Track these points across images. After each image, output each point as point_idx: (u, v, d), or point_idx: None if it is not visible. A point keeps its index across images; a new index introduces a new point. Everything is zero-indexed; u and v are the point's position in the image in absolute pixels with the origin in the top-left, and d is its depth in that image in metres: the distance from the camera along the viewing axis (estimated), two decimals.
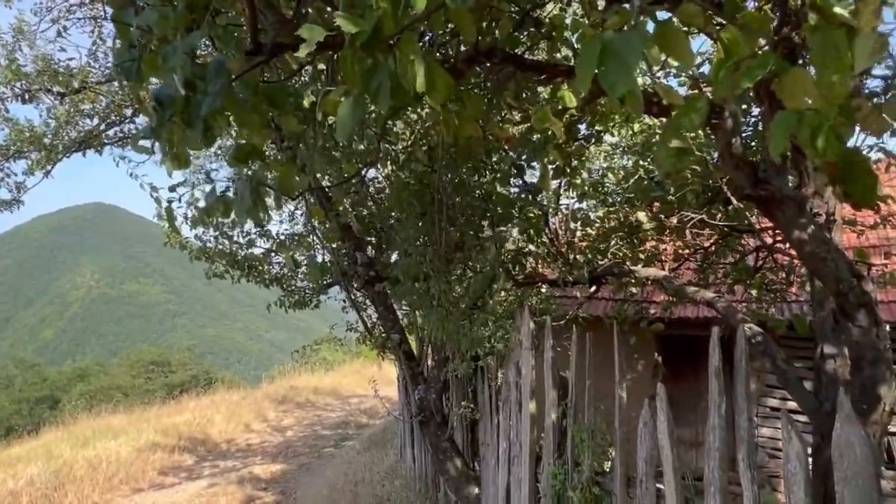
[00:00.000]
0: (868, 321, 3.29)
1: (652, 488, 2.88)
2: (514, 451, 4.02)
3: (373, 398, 14.39)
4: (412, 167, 5.12)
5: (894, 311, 7.55)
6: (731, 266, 6.27)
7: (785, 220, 3.32)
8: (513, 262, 6.26)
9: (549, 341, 3.72)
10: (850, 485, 2.04)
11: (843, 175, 1.53)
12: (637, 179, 5.85)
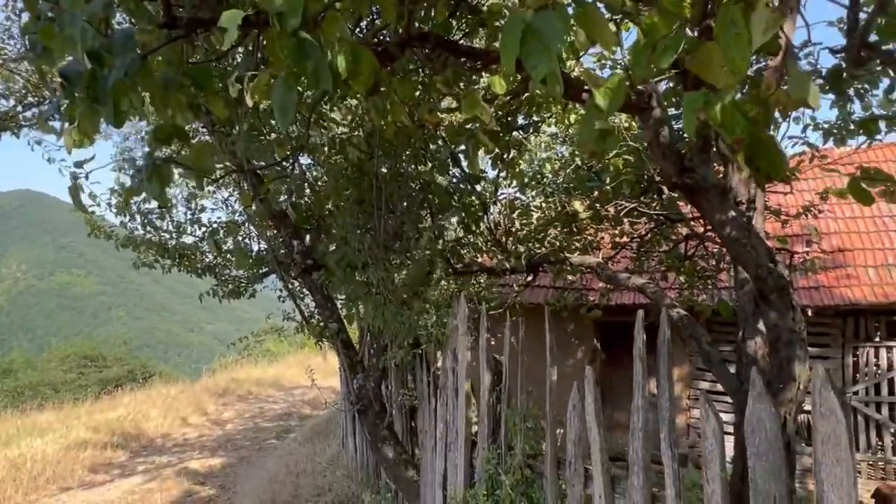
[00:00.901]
0: (784, 304, 3.45)
1: (580, 469, 2.94)
2: (450, 437, 4.04)
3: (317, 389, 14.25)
4: (349, 154, 5.05)
5: (815, 296, 7.97)
6: (665, 254, 6.48)
7: (709, 207, 3.44)
8: (452, 251, 6.29)
9: (485, 328, 3.74)
10: (760, 460, 2.14)
11: (752, 152, 1.58)
12: (574, 169, 5.95)
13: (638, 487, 2.60)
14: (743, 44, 1.21)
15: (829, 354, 8.22)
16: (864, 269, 8.06)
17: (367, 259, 4.62)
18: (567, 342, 9.30)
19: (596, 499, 2.81)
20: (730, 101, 1.38)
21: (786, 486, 2.08)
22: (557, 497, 3.09)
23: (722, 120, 1.43)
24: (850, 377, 8.13)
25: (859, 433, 8.06)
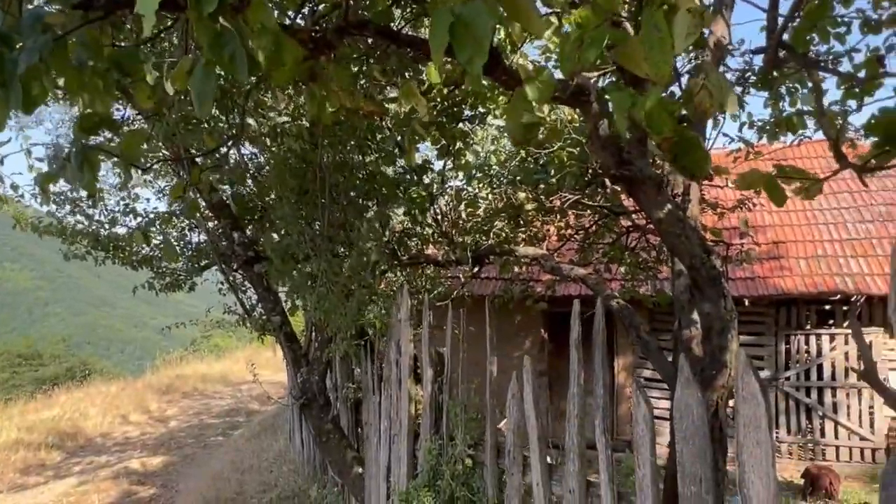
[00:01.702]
0: (717, 294, 3.55)
1: (519, 457, 2.97)
2: (394, 429, 4.03)
3: (264, 384, 13.96)
4: (292, 144, 4.95)
5: (750, 286, 8.29)
6: (609, 246, 6.61)
7: (646, 199, 3.50)
8: (399, 242, 6.25)
9: (427, 319, 3.73)
10: (688, 444, 2.20)
11: (678, 150, 1.61)
12: (521, 162, 5.99)
13: (573, 473, 2.65)
14: (665, 47, 1.23)
15: (764, 342, 8.57)
16: (795, 260, 8.43)
17: (309, 250, 4.54)
18: (515, 333, 9.40)
19: (534, 486, 2.85)
20: (656, 102, 1.40)
21: (711, 468, 2.15)
22: (497, 485, 3.12)
23: (649, 120, 1.45)
24: (782, 363, 8.50)
25: (790, 417, 8.45)
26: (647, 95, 1.40)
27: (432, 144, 5.74)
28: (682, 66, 5.60)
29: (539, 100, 1.78)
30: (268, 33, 1.67)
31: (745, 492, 1.98)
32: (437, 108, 5.22)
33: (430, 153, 6.86)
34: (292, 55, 1.68)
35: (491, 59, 2.75)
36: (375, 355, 4.62)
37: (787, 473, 8.12)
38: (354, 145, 5.17)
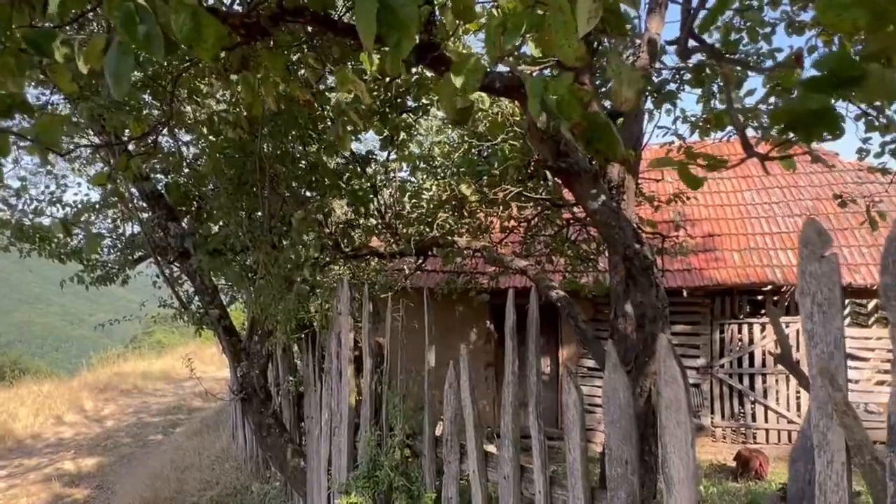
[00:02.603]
0: (649, 283, 3.66)
1: (456, 446, 3.00)
2: (335, 421, 3.99)
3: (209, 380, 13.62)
4: (230, 133, 4.83)
5: (687, 278, 8.57)
6: (551, 237, 6.72)
7: (582, 190, 3.57)
8: (342, 234, 6.19)
9: (367, 311, 3.71)
10: (614, 427, 2.26)
11: (591, 135, 1.65)
12: (464, 153, 6.01)
13: (508, 459, 2.68)
14: (570, 31, 1.25)
15: (700, 331, 8.90)
16: (729, 252, 8.77)
17: (247, 242, 4.44)
18: (461, 325, 9.45)
19: (470, 473, 2.88)
20: (567, 88, 1.43)
21: (636, 451, 2.21)
22: (435, 474, 3.14)
23: (559, 106, 1.47)
24: (717, 351, 8.85)
25: (724, 402, 8.81)
26: (557, 82, 1.42)
27: (376, 135, 5.71)
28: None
29: (466, 88, 1.79)
30: (185, 10, 1.61)
31: (667, 471, 2.05)
32: (379, 98, 5.19)
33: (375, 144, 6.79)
34: (214, 34, 1.63)
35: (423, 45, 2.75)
36: (317, 348, 4.57)
37: (720, 456, 8.47)
38: (296, 135, 5.09)
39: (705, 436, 8.82)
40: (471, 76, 1.76)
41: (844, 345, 1.70)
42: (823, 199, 8.92)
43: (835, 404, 1.66)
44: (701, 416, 8.85)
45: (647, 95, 5.14)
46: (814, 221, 1.75)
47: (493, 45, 1.70)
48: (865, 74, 1.35)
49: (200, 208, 5.24)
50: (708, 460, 8.43)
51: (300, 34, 3.45)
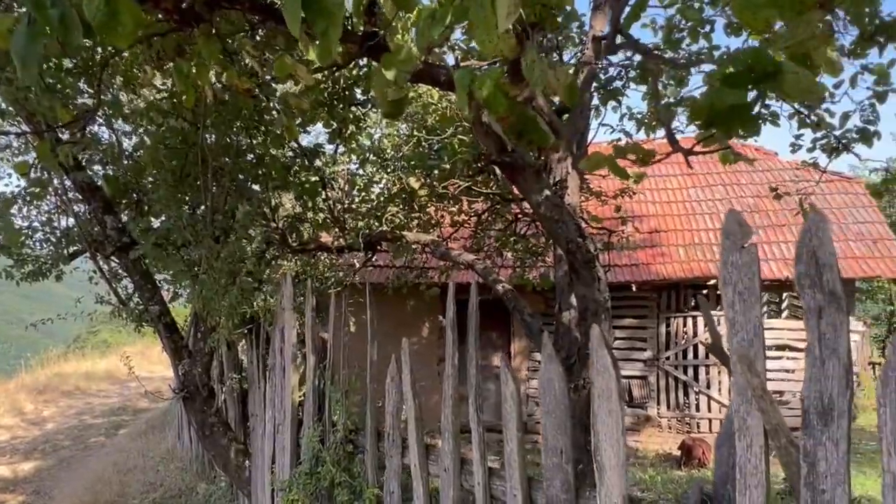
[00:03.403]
0: (591, 276, 3.71)
1: (398, 439, 2.98)
2: (278, 418, 3.93)
3: (157, 380, 13.20)
4: (172, 123, 4.68)
5: (635, 272, 8.76)
6: (500, 232, 6.77)
7: (526, 185, 3.59)
8: (291, 228, 6.08)
9: (311, 306, 3.66)
10: (550, 417, 2.28)
11: (521, 128, 1.66)
12: (414, 147, 5.99)
13: (448, 452, 2.69)
14: (490, 25, 1.24)
15: (647, 324, 9.12)
16: (675, 248, 9.01)
17: (189, 236, 4.32)
18: (413, 320, 9.44)
19: (412, 467, 2.87)
20: (492, 82, 1.43)
21: (571, 440, 2.24)
22: (377, 469, 3.12)
23: (487, 99, 1.47)
24: (663, 344, 9.08)
25: (670, 393, 9.06)
26: (485, 75, 1.42)
27: (324, 127, 5.62)
28: (570, 59, 5.81)
29: (398, 79, 1.78)
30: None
31: (599, 458, 2.08)
32: (327, 90, 5.11)
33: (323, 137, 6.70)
34: (131, 19, 1.56)
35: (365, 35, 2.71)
36: (261, 344, 4.48)
37: (666, 446, 8.72)
38: (241, 127, 4.96)
39: (652, 426, 9.06)
40: (402, 67, 1.74)
41: (763, 332, 1.76)
42: (764, 197, 9.24)
43: (753, 390, 1.71)
44: (648, 407, 9.08)
45: (594, 92, 5.22)
46: (735, 213, 1.80)
47: (422, 35, 1.69)
48: (781, 72, 1.39)
49: (140, 201, 5.06)
50: (654, 450, 8.66)
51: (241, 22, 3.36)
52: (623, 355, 9.12)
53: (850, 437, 1.59)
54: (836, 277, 1.60)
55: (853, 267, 8.08)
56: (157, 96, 4.93)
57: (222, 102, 4.65)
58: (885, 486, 1.53)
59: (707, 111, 1.44)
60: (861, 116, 4.71)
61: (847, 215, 8.77)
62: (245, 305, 4.15)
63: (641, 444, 8.87)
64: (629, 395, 9.22)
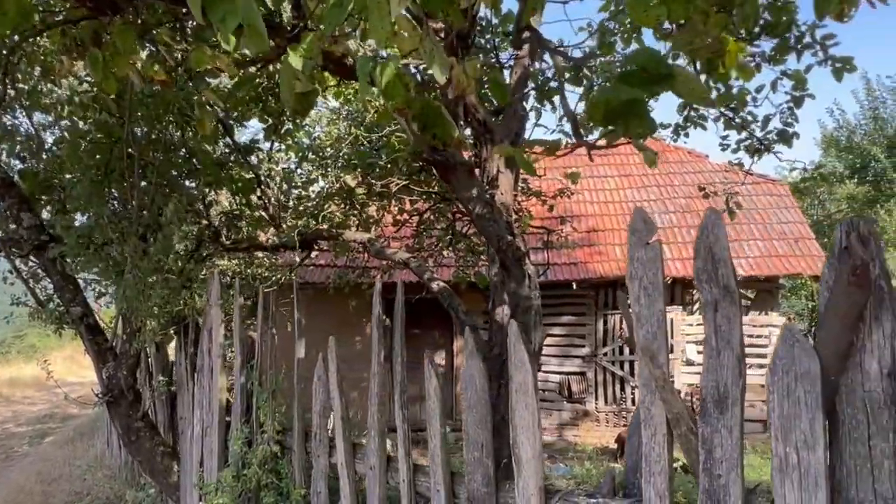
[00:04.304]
0: (521, 274, 3.77)
1: (325, 439, 2.95)
2: (206, 420, 3.83)
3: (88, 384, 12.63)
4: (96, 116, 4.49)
5: (574, 271, 8.95)
6: (442, 230, 6.80)
7: (458, 183, 3.62)
8: (228, 225, 5.93)
9: (238, 305, 3.58)
10: (471, 412, 2.30)
11: (425, 120, 1.67)
12: (352, 144, 5.94)
13: (374, 450, 2.68)
14: (383, 13, 1.25)
15: (586, 321, 9.33)
16: (612, 246, 9.25)
17: (111, 234, 4.15)
18: (356, 318, 9.36)
19: (339, 466, 2.84)
20: (392, 71, 1.43)
21: (491, 434, 2.27)
22: (304, 469, 3.08)
23: (385, 88, 1.47)
24: (601, 340, 9.31)
25: (607, 388, 9.30)
26: (385, 63, 1.43)
27: (260, 123, 5.51)
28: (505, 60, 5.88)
29: (304, 68, 1.75)
30: None
31: (517, 451, 2.12)
32: (261, 84, 5.01)
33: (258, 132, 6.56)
34: (15, 5, 1.49)
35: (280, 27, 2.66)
36: (188, 345, 4.35)
37: (604, 440, 8.94)
38: (170, 120, 4.81)
39: (590, 420, 9.27)
40: (307, 57, 1.72)
41: (666, 326, 1.83)
42: (695, 197, 9.60)
43: (655, 381, 1.77)
44: (586, 401, 9.29)
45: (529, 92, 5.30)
46: (641, 211, 1.87)
47: (328, 23, 1.67)
48: (673, 75, 1.44)
49: (61, 198, 4.83)
50: (592, 443, 8.87)
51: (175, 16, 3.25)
52: (562, 352, 9.31)
53: (742, 424, 1.68)
54: (731, 272, 1.68)
55: (777, 265, 8.49)
56: (78, 88, 4.72)
57: (150, 95, 4.50)
58: (774, 469, 1.61)
59: (603, 108, 1.48)
60: (781, 119, 4.95)
61: (772, 215, 9.21)
62: (172, 305, 4.03)
63: (580, 438, 9.07)
64: (568, 391, 9.41)
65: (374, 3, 1.24)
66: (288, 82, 1.75)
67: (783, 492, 1.58)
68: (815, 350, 1.55)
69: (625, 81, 1.43)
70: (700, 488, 1.71)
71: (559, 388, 9.38)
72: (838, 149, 16.43)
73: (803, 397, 1.55)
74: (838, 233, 1.57)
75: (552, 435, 9.29)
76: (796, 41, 4.38)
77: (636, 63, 1.44)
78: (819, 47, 4.39)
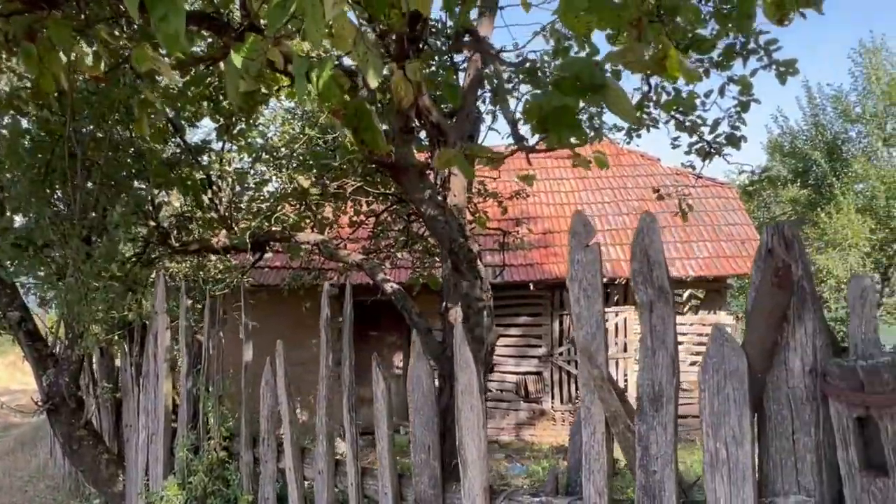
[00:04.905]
0: (473, 275, 3.79)
1: (273, 444, 2.92)
2: (152, 427, 3.73)
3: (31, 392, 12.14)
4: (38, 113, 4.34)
5: (530, 272, 9.05)
6: (399, 232, 6.78)
7: (409, 185, 3.61)
8: (178, 227, 5.80)
9: (184, 307, 3.50)
10: (418, 414, 2.31)
11: (357, 124, 1.67)
12: (306, 145, 5.88)
13: (322, 454, 2.66)
14: (317, 15, 1.25)
15: (542, 322, 9.44)
16: (567, 248, 9.38)
17: (52, 236, 4.01)
18: (313, 321, 9.25)
19: (287, 471, 2.81)
20: (328, 72, 1.43)
21: (437, 436, 2.28)
22: (252, 475, 3.03)
23: (321, 89, 1.47)
24: (556, 340, 9.44)
25: (563, 388, 9.43)
26: (321, 64, 1.42)
27: (213, 122, 5.40)
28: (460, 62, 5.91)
29: (247, 68, 1.73)
30: None
31: (462, 453, 2.13)
32: (212, 84, 4.91)
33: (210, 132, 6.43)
34: None
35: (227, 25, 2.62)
36: (134, 350, 4.24)
37: (560, 438, 9.06)
38: (117, 119, 4.67)
39: (546, 419, 9.39)
40: (249, 57, 1.70)
41: (605, 326, 1.87)
42: (647, 199, 9.82)
43: (594, 380, 1.81)
44: (542, 401, 9.41)
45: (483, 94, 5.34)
46: (581, 214, 1.91)
47: (270, 23, 1.66)
48: (606, 86, 1.47)
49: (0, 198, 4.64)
50: (549, 442, 8.98)
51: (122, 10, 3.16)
52: (519, 352, 9.40)
53: (676, 421, 1.73)
54: (665, 274, 1.73)
55: (725, 265, 8.76)
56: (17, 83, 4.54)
57: (94, 93, 4.36)
58: (705, 464, 1.67)
59: (537, 114, 1.51)
60: (729, 123, 5.11)
61: (720, 218, 9.51)
62: (117, 310, 3.91)
63: (537, 438, 9.18)
64: (525, 391, 9.51)
65: (309, 5, 1.24)
66: (233, 82, 1.73)
67: (714, 486, 1.64)
68: (742, 349, 1.61)
69: (559, 88, 1.45)
70: (637, 484, 1.75)
71: (516, 388, 9.47)
72: (782, 153, 17.07)
73: (732, 394, 1.61)
74: (764, 236, 1.64)
75: (510, 435, 9.37)
76: (742, 46, 4.54)
77: (571, 71, 1.47)
78: (763, 52, 4.57)
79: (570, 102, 1.41)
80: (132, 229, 4.67)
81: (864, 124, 15.08)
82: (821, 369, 1.55)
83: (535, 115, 1.45)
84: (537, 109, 1.44)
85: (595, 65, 1.57)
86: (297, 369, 3.76)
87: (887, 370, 1.41)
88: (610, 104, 1.43)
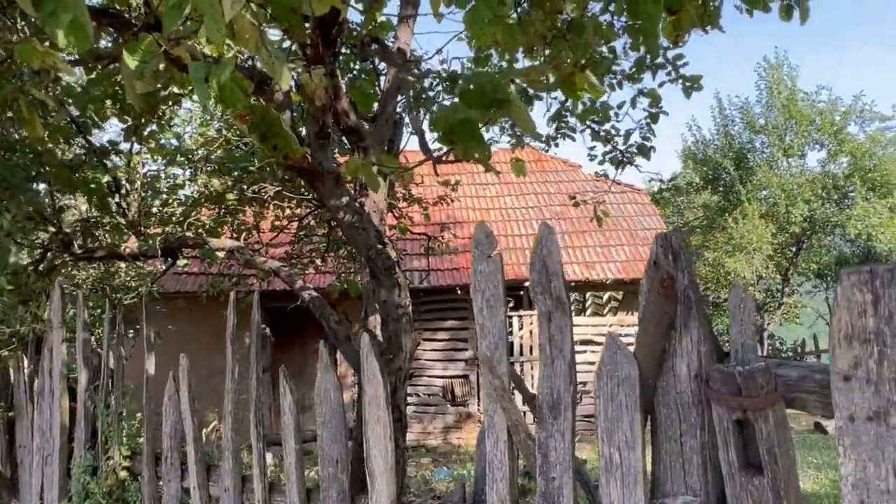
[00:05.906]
0: (391, 283, 3.77)
1: (176, 462, 2.79)
2: (47, 448, 3.49)
3: None
4: None
5: (457, 276, 9.12)
6: (322, 237, 6.67)
7: (325, 191, 3.55)
8: (83, 232, 5.47)
9: (81, 319, 3.30)
10: (326, 427, 2.27)
11: (265, 130, 1.62)
12: (223, 147, 5.69)
13: (229, 471, 2.56)
14: (217, 15, 1.20)
15: (468, 325, 9.52)
16: None
17: None
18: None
19: (192, 490, 2.70)
20: (229, 76, 1.38)
21: (345, 449, 2.25)
22: (155, 495, 2.89)
23: (222, 93, 1.42)
24: None
25: None
26: (220, 66, 1.37)
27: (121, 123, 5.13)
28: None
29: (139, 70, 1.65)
30: None
31: (370, 465, 2.11)
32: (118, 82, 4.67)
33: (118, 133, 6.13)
34: None
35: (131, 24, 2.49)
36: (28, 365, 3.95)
37: None
38: (11, 118, 4.36)
39: (473, 422, 9.47)
40: (143, 58, 1.62)
41: (507, 336, 1.89)
42: (569, 205, 10.11)
43: (495, 390, 1.83)
44: (469, 404, 9.49)
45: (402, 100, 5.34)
46: (484, 225, 1.93)
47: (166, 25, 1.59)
48: (509, 101, 1.49)
49: None
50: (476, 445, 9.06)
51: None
52: (446, 356, 9.44)
53: (574, 429, 1.77)
54: (562, 285, 1.77)
55: (642, 268, 9.07)
56: None
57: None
58: (601, 469, 1.71)
59: (443, 126, 1.51)
60: (640, 133, 5.33)
61: (637, 222, 9.90)
62: (6, 324, 3.65)
63: (464, 441, 9.24)
64: (452, 395, 9.56)
65: (207, 6, 1.19)
66: (129, 81, 1.65)
67: (608, 490, 1.68)
68: (634, 356, 1.67)
69: (464, 101, 1.46)
70: (538, 492, 1.79)
71: (443, 392, 9.50)
72: (695, 161, 18.02)
73: (624, 401, 1.67)
74: (654, 246, 1.71)
75: (437, 439, 9.39)
76: (651, 61, 4.75)
77: (476, 84, 1.48)
78: (671, 67, 4.80)
79: (473, 116, 1.42)
80: (29, 235, 4.37)
81: (766, 135, 16.13)
82: (705, 375, 1.63)
83: (442, 127, 1.45)
84: (444, 121, 1.44)
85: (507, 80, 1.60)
86: (217, 378, 3.59)
87: (761, 375, 1.50)
88: (513, 118, 1.45)
